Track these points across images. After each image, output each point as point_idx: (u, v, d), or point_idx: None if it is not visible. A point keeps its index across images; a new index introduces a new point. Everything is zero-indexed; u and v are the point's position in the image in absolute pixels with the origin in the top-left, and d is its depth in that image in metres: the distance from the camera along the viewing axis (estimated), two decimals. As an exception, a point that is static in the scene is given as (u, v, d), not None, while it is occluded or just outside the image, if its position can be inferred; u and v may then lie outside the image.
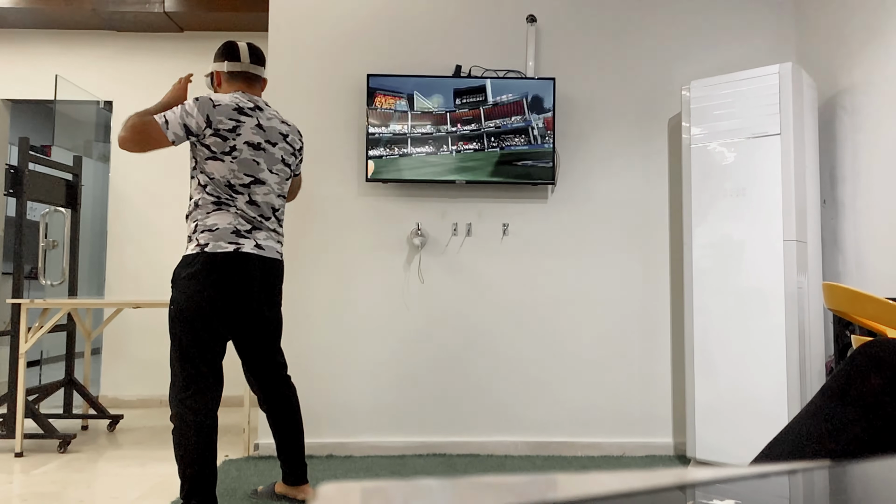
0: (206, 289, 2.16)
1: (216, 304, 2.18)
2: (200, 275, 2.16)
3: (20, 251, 3.46)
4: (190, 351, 2.17)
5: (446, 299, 3.36)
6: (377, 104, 3.24)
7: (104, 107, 4.94)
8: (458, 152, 3.24)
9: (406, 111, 3.24)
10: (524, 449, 3.32)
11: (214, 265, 2.17)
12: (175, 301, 2.19)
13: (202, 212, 2.23)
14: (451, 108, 3.25)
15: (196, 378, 2.17)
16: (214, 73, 2.45)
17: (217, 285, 2.18)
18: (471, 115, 3.25)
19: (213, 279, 2.17)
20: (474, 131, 3.25)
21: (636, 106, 3.44)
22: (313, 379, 3.31)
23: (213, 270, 2.17)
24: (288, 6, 3.40)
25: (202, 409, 2.16)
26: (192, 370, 2.17)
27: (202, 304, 2.16)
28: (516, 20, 3.44)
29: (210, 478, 2.16)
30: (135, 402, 4.63)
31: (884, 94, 2.77)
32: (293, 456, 2.47)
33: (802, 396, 2.78)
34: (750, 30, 3.47)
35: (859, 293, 1.72)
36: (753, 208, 2.90)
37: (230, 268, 2.20)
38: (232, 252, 2.20)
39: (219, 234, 2.20)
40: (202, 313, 2.17)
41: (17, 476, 2.92)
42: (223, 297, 2.19)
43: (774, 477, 0.40)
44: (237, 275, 2.21)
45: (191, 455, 2.13)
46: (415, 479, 0.34)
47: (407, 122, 3.24)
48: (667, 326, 3.39)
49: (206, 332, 2.19)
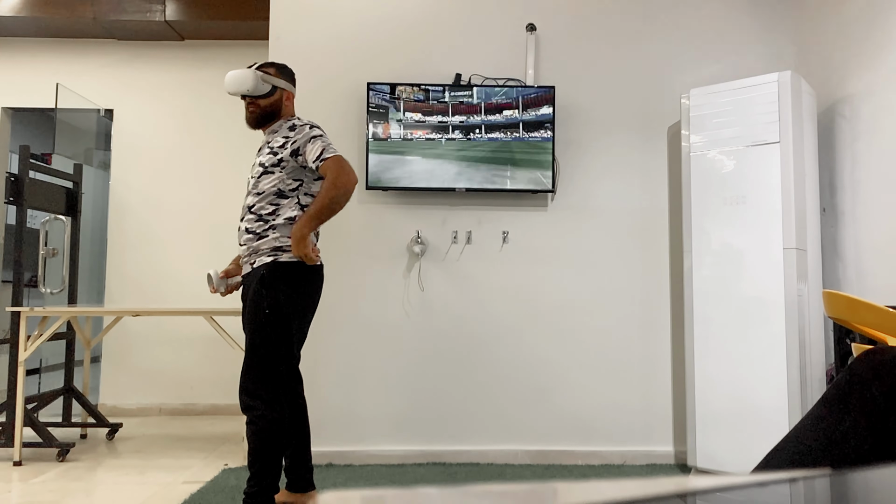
0: (305, 294, 2.41)
1: (313, 307, 2.48)
2: (304, 284, 2.39)
3: (20, 259, 3.46)
4: (281, 350, 2.33)
5: (446, 307, 3.36)
6: (377, 112, 3.25)
7: (105, 115, 4.95)
8: (458, 160, 3.25)
9: (406, 119, 3.25)
10: (524, 457, 3.31)
11: (313, 274, 2.43)
12: (275, 304, 2.32)
13: None
14: (451, 116, 3.26)
15: (279, 376, 2.33)
16: (285, 92, 2.51)
17: (309, 289, 2.43)
18: (470, 122, 3.25)
19: (308, 284, 2.42)
20: (474, 139, 3.25)
21: (636, 114, 3.45)
22: (313, 387, 3.30)
23: (312, 277, 2.43)
24: (288, 15, 3.42)
25: (281, 406, 2.31)
26: (277, 369, 2.33)
27: (308, 310, 2.45)
28: (516, 29, 3.45)
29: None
30: (134, 411, 4.62)
31: (883, 103, 2.77)
32: (305, 462, 2.51)
33: (803, 405, 2.77)
34: (749, 38, 3.49)
35: (859, 301, 1.72)
36: (753, 216, 2.90)
37: (318, 276, 2.47)
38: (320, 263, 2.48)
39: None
40: (307, 318, 2.46)
41: (15, 485, 2.91)
42: (317, 299, 2.49)
43: (775, 485, 0.40)
44: (320, 282, 2.48)
45: (274, 447, 2.28)
46: (415, 487, 0.34)
47: (407, 129, 3.25)
48: (667, 334, 3.39)
49: (299, 332, 2.44)
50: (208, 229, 4.68)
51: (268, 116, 2.49)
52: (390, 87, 3.26)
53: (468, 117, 3.26)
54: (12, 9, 4.36)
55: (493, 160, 3.25)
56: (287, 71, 2.54)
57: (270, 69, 2.49)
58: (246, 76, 2.42)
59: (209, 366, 4.65)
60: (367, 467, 3.19)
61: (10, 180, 3.45)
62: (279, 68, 2.52)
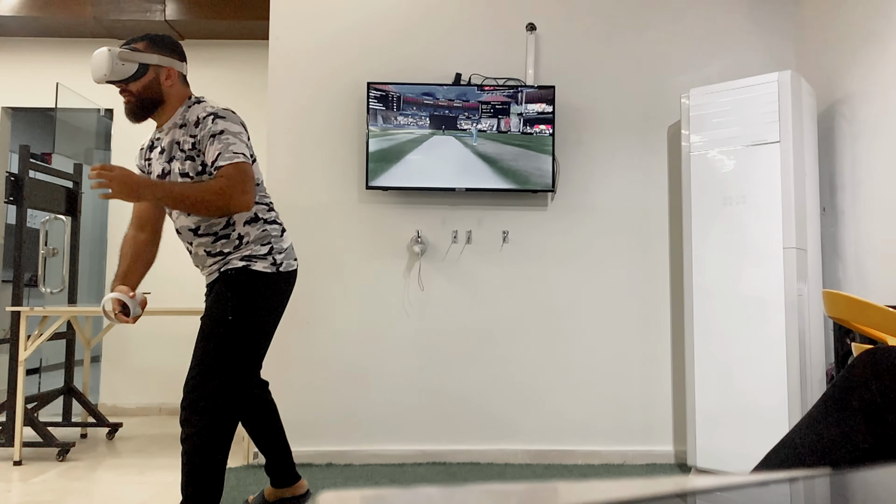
0: (279, 306, 2.22)
1: (278, 317, 2.25)
2: (274, 293, 2.19)
3: (20, 259, 3.46)
4: (248, 360, 2.17)
5: (446, 307, 3.36)
6: (377, 112, 3.25)
7: (105, 115, 4.95)
8: (458, 160, 3.25)
9: (405, 119, 3.25)
10: (524, 457, 3.31)
11: (287, 283, 2.24)
12: (243, 312, 2.12)
13: (275, 228, 2.23)
14: (451, 116, 3.26)
15: (241, 396, 2.19)
16: (162, 70, 2.09)
17: (283, 301, 2.24)
18: (470, 122, 3.25)
19: (282, 296, 2.23)
20: (474, 139, 3.25)
21: (635, 113, 3.45)
22: (312, 387, 3.30)
23: (286, 288, 2.24)
24: (288, 14, 3.41)
25: (234, 425, 2.16)
26: (241, 379, 2.16)
27: (274, 319, 2.23)
28: (516, 29, 3.45)
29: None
30: (134, 411, 4.62)
31: (883, 102, 2.77)
32: (286, 457, 2.46)
33: (803, 404, 2.77)
34: (749, 38, 3.49)
35: (859, 301, 1.72)
36: (753, 216, 2.90)
37: (291, 284, 2.27)
38: (295, 269, 2.28)
39: (289, 251, 2.26)
40: (272, 327, 2.23)
41: (15, 484, 2.91)
42: (283, 310, 2.27)
43: (775, 485, 0.40)
44: (291, 289, 2.29)
45: (216, 465, 2.11)
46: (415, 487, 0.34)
47: (406, 129, 3.25)
48: (667, 334, 3.39)
49: (265, 344, 2.24)
50: (208, 229, 4.68)
51: (147, 104, 2.08)
52: (390, 87, 3.26)
53: (468, 117, 3.25)
54: (12, 9, 4.36)
55: (493, 160, 3.25)
56: (164, 42, 2.11)
57: (139, 44, 2.07)
58: (101, 59, 1.99)
59: (209, 365, 4.65)
60: (367, 467, 3.19)
61: (10, 180, 3.45)
62: (151, 40, 2.08)
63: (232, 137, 2.01)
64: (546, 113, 3.26)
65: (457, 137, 3.25)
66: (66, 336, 3.89)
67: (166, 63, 2.09)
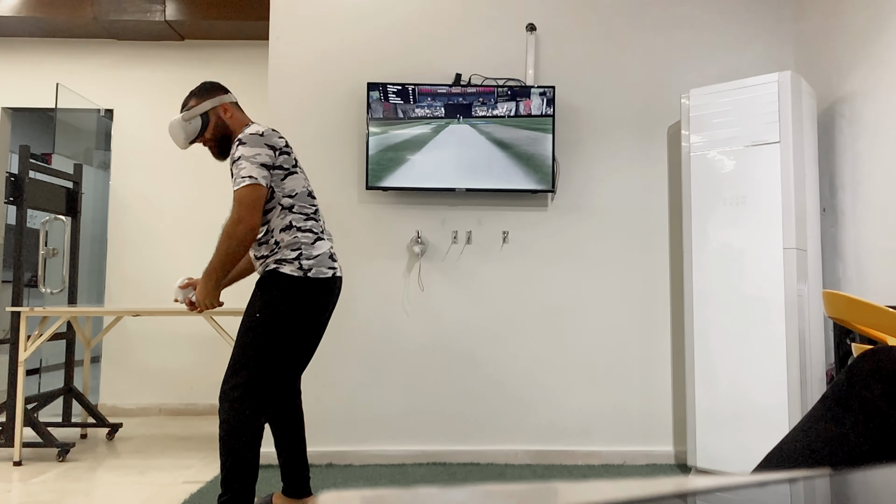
0: (309, 312, 2.26)
1: (314, 324, 2.30)
2: (301, 297, 2.23)
3: (20, 259, 3.46)
4: (277, 359, 2.23)
5: (446, 307, 3.36)
6: (377, 112, 3.25)
7: (105, 115, 4.95)
8: (458, 160, 3.25)
9: (406, 119, 3.25)
10: (524, 458, 3.31)
11: (318, 290, 2.26)
12: (269, 310, 2.21)
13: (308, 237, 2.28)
14: (451, 116, 3.26)
15: (269, 391, 2.22)
16: (218, 108, 2.35)
17: (317, 308, 2.27)
18: (470, 122, 3.25)
19: (312, 303, 2.26)
20: (474, 139, 3.25)
21: (636, 114, 3.45)
22: (312, 387, 3.30)
23: (317, 295, 2.26)
24: (288, 15, 3.42)
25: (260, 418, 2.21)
26: (271, 376, 2.22)
27: (304, 325, 2.26)
28: (516, 29, 3.45)
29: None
30: (134, 411, 4.62)
31: (883, 103, 2.77)
32: (303, 466, 2.47)
33: (803, 404, 2.77)
34: (749, 38, 3.49)
35: (859, 301, 1.72)
36: (753, 216, 2.90)
37: (329, 291, 2.30)
38: (330, 277, 2.30)
39: (320, 259, 2.28)
40: (303, 333, 2.27)
41: (15, 485, 2.91)
42: (319, 318, 2.31)
43: (775, 485, 0.40)
44: (331, 296, 2.32)
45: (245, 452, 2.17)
46: (415, 487, 0.34)
47: (406, 129, 3.25)
48: (667, 334, 3.39)
49: (300, 350, 2.30)
50: (208, 229, 4.68)
51: (223, 140, 2.36)
52: (390, 87, 3.26)
53: (468, 117, 3.25)
54: (12, 9, 4.36)
55: (493, 160, 3.25)
56: (205, 87, 2.37)
57: (191, 101, 2.35)
58: (176, 129, 2.32)
59: (209, 366, 4.65)
60: (367, 467, 3.19)
61: (10, 180, 3.46)
62: (197, 92, 2.36)
63: (244, 162, 2.16)
64: (546, 113, 3.25)
65: (457, 138, 3.25)
66: (66, 336, 3.89)
67: (217, 102, 2.34)
